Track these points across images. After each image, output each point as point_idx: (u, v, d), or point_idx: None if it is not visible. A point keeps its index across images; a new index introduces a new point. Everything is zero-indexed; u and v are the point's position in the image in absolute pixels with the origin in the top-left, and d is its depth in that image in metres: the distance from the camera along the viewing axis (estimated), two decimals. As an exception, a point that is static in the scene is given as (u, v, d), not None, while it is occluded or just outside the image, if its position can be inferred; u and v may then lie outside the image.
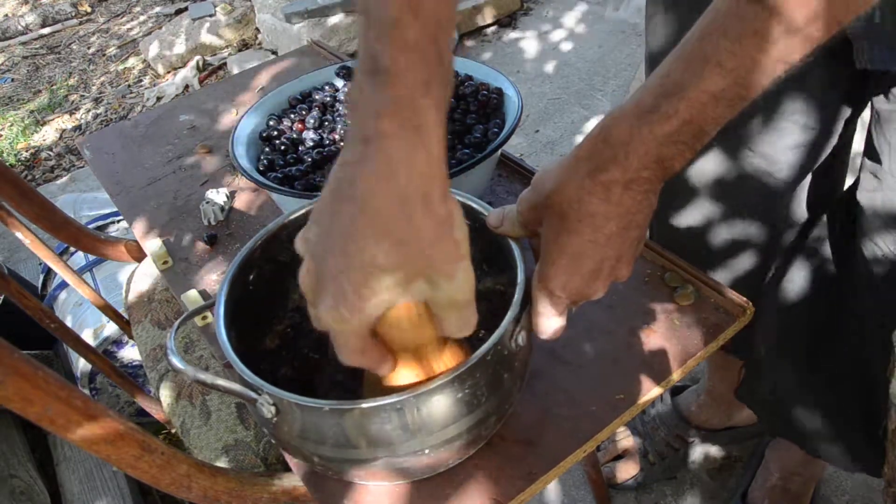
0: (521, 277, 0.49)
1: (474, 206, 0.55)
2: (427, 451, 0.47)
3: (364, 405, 0.44)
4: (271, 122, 0.81)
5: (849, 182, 0.80)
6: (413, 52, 0.33)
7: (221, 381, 0.47)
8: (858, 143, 0.76)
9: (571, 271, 0.45)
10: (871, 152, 0.70)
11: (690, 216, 0.84)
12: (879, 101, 0.66)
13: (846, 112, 0.74)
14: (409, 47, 0.33)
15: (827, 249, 0.81)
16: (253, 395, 0.47)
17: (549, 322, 0.49)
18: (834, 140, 0.76)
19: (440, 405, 0.45)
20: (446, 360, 0.46)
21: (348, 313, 0.37)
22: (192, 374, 0.47)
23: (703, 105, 0.40)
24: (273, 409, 0.46)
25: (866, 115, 0.73)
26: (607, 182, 0.43)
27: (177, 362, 0.47)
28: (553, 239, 0.46)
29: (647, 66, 0.87)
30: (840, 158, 0.82)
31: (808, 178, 0.80)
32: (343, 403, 0.45)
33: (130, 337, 1.01)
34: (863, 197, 0.71)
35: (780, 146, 0.74)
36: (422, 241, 0.36)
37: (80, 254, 1.44)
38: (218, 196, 0.87)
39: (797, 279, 0.83)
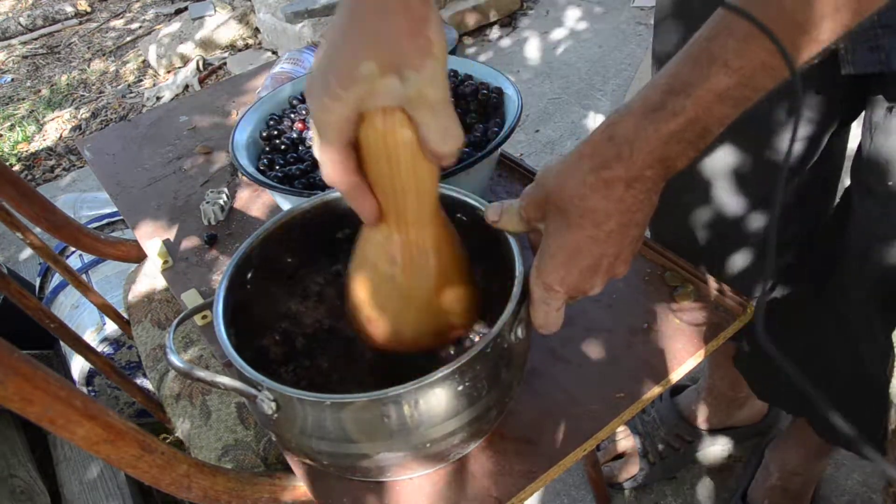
0: (519, 270, 0.49)
1: (471, 201, 0.55)
2: (428, 445, 0.47)
3: (365, 398, 0.44)
4: (271, 122, 0.81)
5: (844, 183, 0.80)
6: None
7: (221, 378, 0.47)
8: (853, 142, 0.76)
9: (570, 266, 0.46)
10: (860, 153, 0.70)
11: (695, 213, 0.84)
12: (874, 106, 0.66)
13: (845, 109, 0.74)
14: None
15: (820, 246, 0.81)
16: (253, 391, 0.47)
17: (547, 316, 0.49)
18: (832, 135, 0.76)
19: (441, 398, 0.46)
20: (427, 235, 0.48)
21: (330, 101, 0.41)
22: (190, 372, 0.47)
23: (709, 104, 0.40)
24: (274, 405, 0.46)
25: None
26: (610, 179, 0.43)
27: (175, 361, 0.47)
28: (553, 234, 0.46)
29: (655, 67, 0.87)
30: (837, 155, 0.82)
31: (806, 173, 0.80)
32: (345, 397, 0.45)
33: (130, 337, 1.01)
34: (853, 197, 0.71)
35: (786, 139, 0.74)
36: (396, 35, 0.39)
37: (78, 254, 1.44)
38: (218, 196, 0.87)
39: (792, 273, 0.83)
